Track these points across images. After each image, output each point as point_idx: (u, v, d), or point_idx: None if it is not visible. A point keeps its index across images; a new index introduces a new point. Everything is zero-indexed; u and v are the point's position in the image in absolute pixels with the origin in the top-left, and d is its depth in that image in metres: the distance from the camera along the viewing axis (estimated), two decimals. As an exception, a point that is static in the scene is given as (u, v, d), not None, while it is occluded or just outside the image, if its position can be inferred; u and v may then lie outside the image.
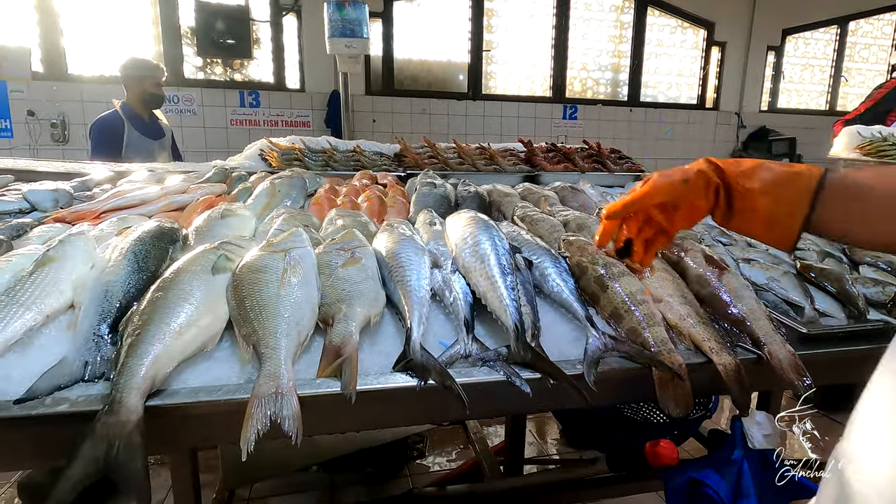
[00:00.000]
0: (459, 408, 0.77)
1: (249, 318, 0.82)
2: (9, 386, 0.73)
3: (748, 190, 0.71)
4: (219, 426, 0.76)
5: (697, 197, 0.75)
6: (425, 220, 1.36)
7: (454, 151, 2.35)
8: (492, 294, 0.94)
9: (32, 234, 1.19)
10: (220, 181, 1.79)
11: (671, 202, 0.78)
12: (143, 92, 3.07)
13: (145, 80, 3.06)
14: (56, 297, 0.87)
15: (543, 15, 5.83)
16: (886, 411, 0.40)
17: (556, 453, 2.64)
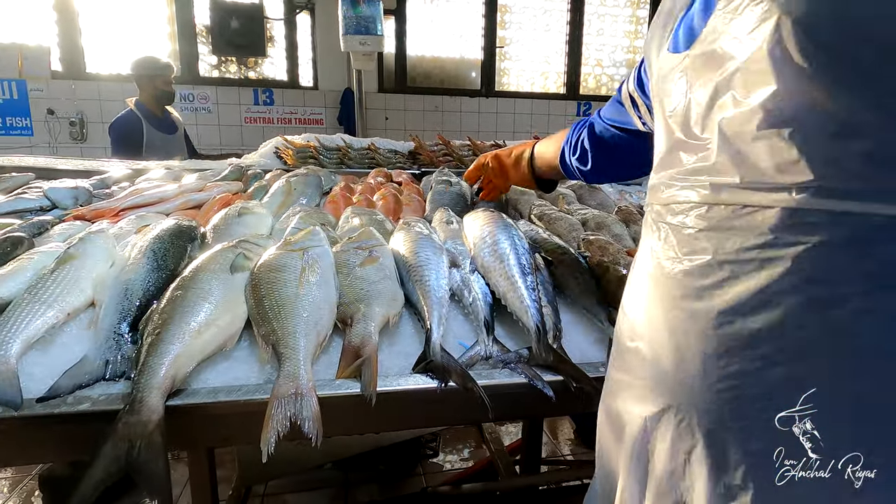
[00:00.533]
0: (481, 410, 0.75)
1: (268, 318, 0.82)
2: (31, 383, 0.73)
3: (509, 157, 1.28)
4: (238, 426, 0.76)
5: (492, 173, 1.36)
6: (442, 219, 1.34)
7: (469, 149, 2.34)
8: (512, 294, 0.92)
9: (53, 231, 1.20)
10: (237, 179, 1.79)
11: (482, 174, 1.40)
12: (156, 90, 3.15)
13: (156, 79, 3.14)
14: (77, 296, 0.87)
15: (557, 11, 5.77)
16: (636, 278, 0.60)
17: (569, 454, 2.62)
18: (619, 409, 0.60)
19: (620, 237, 1.32)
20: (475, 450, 2.55)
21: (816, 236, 0.42)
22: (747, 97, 0.45)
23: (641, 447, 0.55)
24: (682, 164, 0.52)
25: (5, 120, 4.39)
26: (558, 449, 2.64)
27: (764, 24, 0.42)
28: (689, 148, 0.52)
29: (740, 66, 0.45)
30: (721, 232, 0.48)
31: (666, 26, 0.59)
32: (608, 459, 0.63)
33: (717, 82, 0.48)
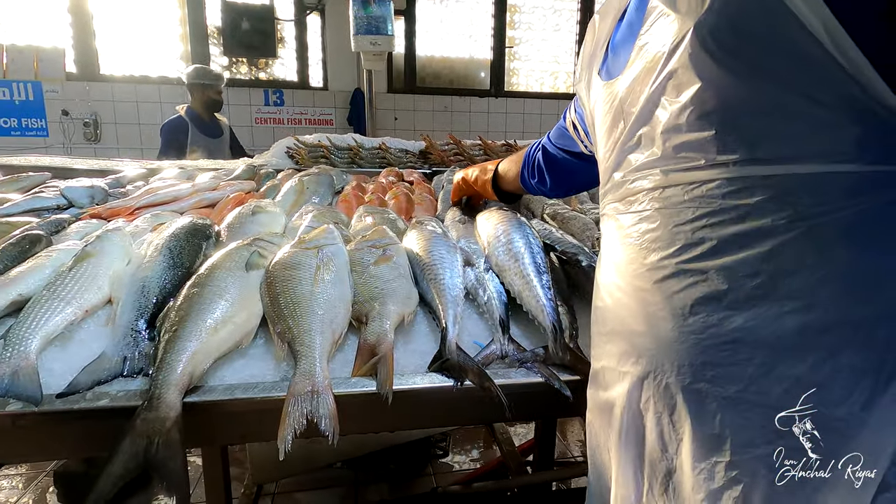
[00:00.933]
0: (497, 410, 0.75)
1: (283, 316, 0.82)
2: (51, 379, 0.73)
3: (476, 182, 1.34)
4: (254, 424, 0.76)
5: (470, 190, 1.38)
6: (454, 218, 1.34)
7: (480, 148, 2.33)
8: (527, 293, 0.91)
9: (70, 229, 1.21)
10: (249, 178, 1.80)
11: (466, 193, 1.42)
12: (207, 98, 3.41)
13: (209, 88, 3.40)
14: (95, 293, 0.87)
15: (567, 10, 5.75)
16: (604, 271, 0.66)
17: (580, 455, 2.60)
18: (605, 396, 0.64)
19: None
20: (485, 450, 2.54)
21: (754, 198, 0.49)
22: (678, 97, 0.53)
23: (630, 422, 0.59)
24: (631, 164, 0.61)
25: (21, 121, 4.46)
26: (569, 450, 2.62)
27: (679, 35, 0.52)
28: (636, 149, 0.60)
29: (669, 73, 0.54)
30: (674, 207, 0.55)
31: (592, 65, 0.70)
32: (599, 455, 0.66)
33: (651, 90, 0.56)
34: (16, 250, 0.98)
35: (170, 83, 4.76)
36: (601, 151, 0.69)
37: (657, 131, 0.56)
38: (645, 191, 0.59)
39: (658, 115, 0.56)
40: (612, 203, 0.65)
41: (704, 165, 0.52)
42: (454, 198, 1.46)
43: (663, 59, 0.54)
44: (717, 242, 0.51)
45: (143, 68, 4.75)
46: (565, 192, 1.14)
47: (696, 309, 0.52)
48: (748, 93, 0.49)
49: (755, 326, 0.49)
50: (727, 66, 0.49)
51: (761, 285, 0.49)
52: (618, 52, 0.65)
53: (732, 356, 0.50)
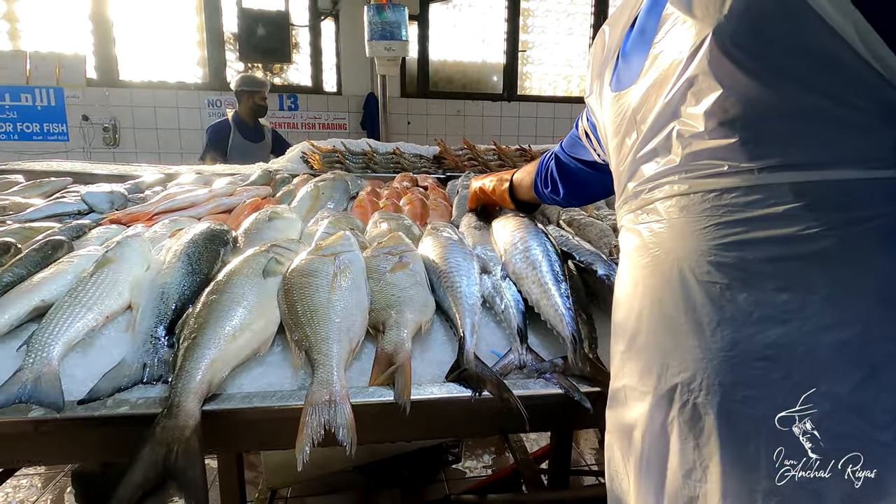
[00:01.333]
0: (516, 421, 0.74)
1: (301, 323, 0.82)
2: (72, 385, 0.74)
3: (494, 192, 1.32)
4: (271, 432, 0.76)
5: (487, 199, 1.36)
6: (470, 224, 1.33)
7: (494, 153, 2.32)
8: (545, 302, 0.90)
9: (91, 234, 1.22)
10: (265, 183, 1.82)
11: (483, 202, 1.41)
12: (253, 104, 3.60)
13: (255, 95, 3.57)
14: (115, 299, 0.88)
15: (581, 14, 5.73)
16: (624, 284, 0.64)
17: (594, 463, 2.57)
18: (626, 417, 0.60)
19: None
20: (497, 456, 2.52)
21: (783, 206, 0.48)
22: (698, 104, 0.52)
23: (651, 445, 0.55)
24: (645, 175, 0.59)
25: (43, 126, 4.56)
26: (582, 458, 2.59)
27: (697, 41, 0.50)
28: (651, 159, 0.58)
29: (687, 80, 0.53)
30: (695, 216, 0.53)
31: (602, 76, 0.69)
32: (619, 482, 0.62)
33: (668, 98, 0.55)
34: (39, 256, 0.99)
35: (187, 88, 4.83)
36: (614, 162, 0.68)
37: (674, 139, 0.55)
38: (661, 200, 0.56)
39: (676, 124, 0.54)
40: (627, 214, 0.63)
41: (728, 172, 0.50)
42: (471, 206, 1.45)
43: (681, 66, 0.53)
44: (743, 253, 0.49)
45: (161, 74, 4.83)
46: (579, 202, 1.12)
47: (723, 324, 0.50)
48: (774, 98, 0.48)
49: (789, 343, 0.46)
50: (750, 71, 0.48)
51: (794, 299, 0.46)
52: (629, 61, 0.64)
53: (765, 375, 0.47)
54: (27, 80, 4.45)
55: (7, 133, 4.49)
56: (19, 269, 0.94)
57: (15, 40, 4.51)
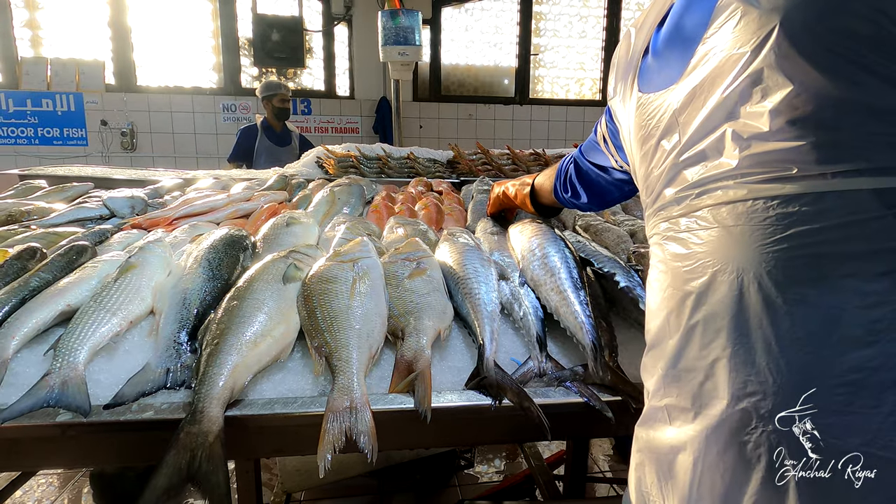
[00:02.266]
0: (535, 430, 0.73)
1: (321, 330, 0.82)
2: (98, 389, 0.75)
3: (516, 197, 1.31)
4: (292, 438, 0.76)
5: (509, 203, 1.35)
6: (486, 229, 1.33)
7: (508, 158, 2.32)
8: (565, 310, 0.90)
9: (113, 239, 1.24)
10: (281, 188, 1.83)
11: (505, 206, 1.39)
12: (273, 107, 3.76)
13: (273, 98, 3.73)
14: (138, 304, 0.89)
15: (594, 17, 5.71)
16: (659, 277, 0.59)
17: (608, 470, 2.54)
18: (668, 439, 0.55)
19: (672, 250, 1.27)
20: (510, 462, 2.51)
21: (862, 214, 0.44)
22: (763, 101, 0.47)
23: (705, 472, 0.50)
24: (688, 180, 0.55)
25: (63, 130, 4.65)
26: (596, 464, 2.57)
27: (763, 34, 0.47)
28: (696, 163, 0.54)
29: (750, 76, 0.48)
30: (755, 225, 0.48)
31: (627, 79, 0.66)
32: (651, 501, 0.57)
33: (723, 97, 0.51)
34: (64, 260, 1.01)
35: (202, 93, 4.90)
36: (642, 167, 0.64)
37: (729, 141, 0.50)
38: (712, 206, 0.51)
39: (730, 125, 0.50)
40: (663, 223, 0.58)
41: (797, 176, 0.46)
42: (491, 210, 1.45)
43: (742, 61, 0.48)
44: (819, 265, 0.45)
45: (178, 79, 4.91)
46: (599, 207, 1.11)
47: (797, 344, 0.45)
48: (854, 96, 0.44)
49: (879, 366, 0.42)
50: (827, 66, 0.44)
51: (883, 318, 0.42)
52: (665, 61, 0.60)
53: (850, 402, 0.43)
54: (48, 85, 4.55)
55: (28, 138, 4.59)
56: (45, 274, 0.96)
57: (36, 47, 4.61)
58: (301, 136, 4.03)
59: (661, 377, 0.57)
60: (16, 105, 4.52)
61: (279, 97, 3.73)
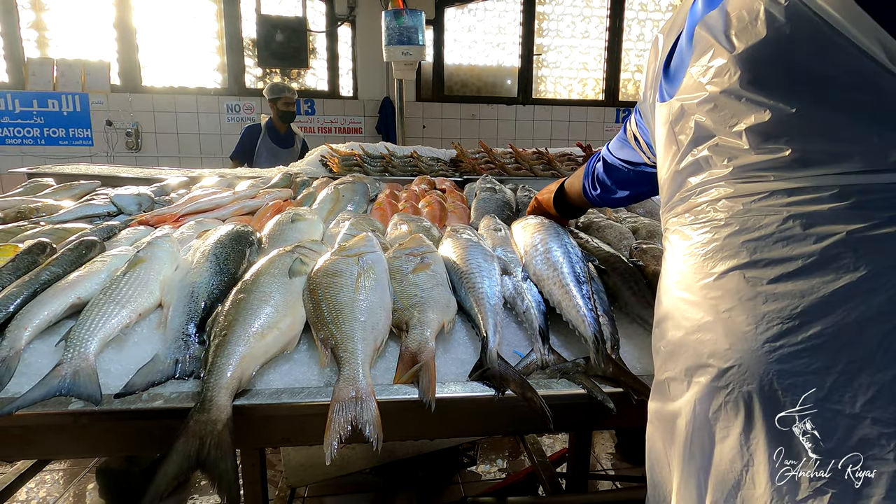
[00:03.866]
0: (539, 421, 0.74)
1: (326, 322, 0.83)
2: (108, 379, 0.77)
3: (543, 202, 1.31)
4: (298, 427, 0.77)
5: (538, 211, 1.33)
6: (489, 226, 1.34)
7: (511, 156, 2.33)
8: (567, 303, 0.91)
9: (121, 235, 1.26)
10: (286, 186, 1.85)
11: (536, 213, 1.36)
12: (278, 110, 3.80)
13: (278, 101, 3.77)
14: (147, 297, 0.91)
15: (596, 17, 5.72)
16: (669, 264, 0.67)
17: (610, 468, 2.55)
18: (670, 407, 0.62)
19: (674, 246, 1.28)
20: (513, 459, 2.51)
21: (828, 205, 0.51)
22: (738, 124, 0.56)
23: (695, 432, 0.57)
24: (690, 184, 0.62)
25: (69, 131, 4.68)
26: (599, 462, 2.57)
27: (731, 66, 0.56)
28: (694, 171, 0.62)
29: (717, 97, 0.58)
30: (743, 214, 0.56)
31: (656, 85, 0.72)
32: (659, 470, 0.64)
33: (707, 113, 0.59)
34: (73, 255, 1.03)
35: (207, 94, 4.93)
36: (661, 170, 0.70)
37: (716, 154, 0.58)
38: (708, 202, 0.59)
39: (718, 140, 0.58)
40: (673, 217, 0.66)
41: (772, 180, 0.54)
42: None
43: (714, 87, 0.57)
44: (789, 247, 0.52)
45: (182, 80, 4.94)
46: (630, 201, 1.12)
47: (769, 316, 0.51)
48: (808, 117, 0.51)
49: (835, 333, 0.48)
50: (785, 94, 0.51)
51: (840, 291, 0.48)
52: (672, 74, 0.67)
53: (809, 364, 0.48)
54: (54, 86, 4.59)
55: (34, 138, 4.63)
56: (55, 268, 0.97)
57: (43, 48, 4.65)
58: (304, 140, 4.07)
59: (663, 354, 0.65)
60: (22, 105, 4.55)
61: (284, 100, 3.78)
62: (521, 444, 2.33)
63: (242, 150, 3.82)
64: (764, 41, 0.52)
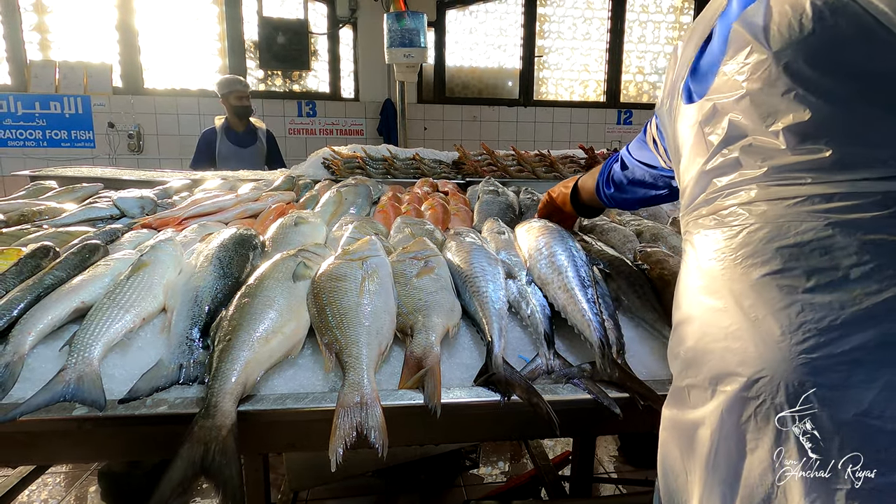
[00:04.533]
0: (544, 426, 0.74)
1: (331, 327, 0.83)
2: (112, 384, 0.77)
3: (558, 197, 1.31)
4: (304, 433, 0.77)
5: (551, 206, 1.34)
6: (492, 229, 1.34)
7: (513, 159, 2.33)
8: (572, 307, 0.90)
9: (124, 238, 1.26)
10: (289, 189, 1.85)
11: (551, 213, 1.35)
12: (230, 106, 3.47)
13: (230, 96, 3.45)
14: (151, 301, 0.91)
15: (598, 19, 5.72)
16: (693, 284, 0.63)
17: (613, 471, 2.54)
18: (690, 415, 0.59)
19: (678, 249, 1.28)
20: (516, 462, 2.51)
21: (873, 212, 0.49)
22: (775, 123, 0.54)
23: (721, 442, 0.54)
24: (717, 186, 0.60)
25: (71, 133, 4.69)
26: (602, 465, 2.56)
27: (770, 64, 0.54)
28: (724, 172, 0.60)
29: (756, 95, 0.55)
30: (775, 219, 0.54)
31: (675, 91, 0.70)
32: (674, 477, 0.62)
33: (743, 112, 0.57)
34: (77, 259, 1.02)
35: (209, 95, 4.93)
36: (685, 173, 0.68)
37: (750, 154, 0.56)
38: (738, 205, 0.57)
39: (752, 140, 0.56)
40: (697, 219, 0.63)
41: (809, 183, 0.52)
42: (539, 215, 1.44)
43: (752, 86, 0.55)
44: (829, 255, 0.49)
45: (184, 82, 4.94)
46: (638, 204, 1.11)
47: (805, 326, 0.49)
48: (850, 118, 0.49)
49: (878, 346, 0.46)
50: (828, 93, 0.50)
51: (885, 303, 0.46)
52: (702, 75, 0.65)
53: (849, 377, 0.46)
54: (56, 88, 4.59)
55: (36, 140, 4.63)
56: (59, 272, 0.97)
57: (45, 51, 4.66)
58: (269, 134, 3.70)
59: (682, 359, 0.62)
60: (24, 108, 4.56)
61: (236, 94, 3.42)
62: (523, 447, 2.33)
63: (200, 159, 3.46)
64: (808, 37, 0.50)
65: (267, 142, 3.65)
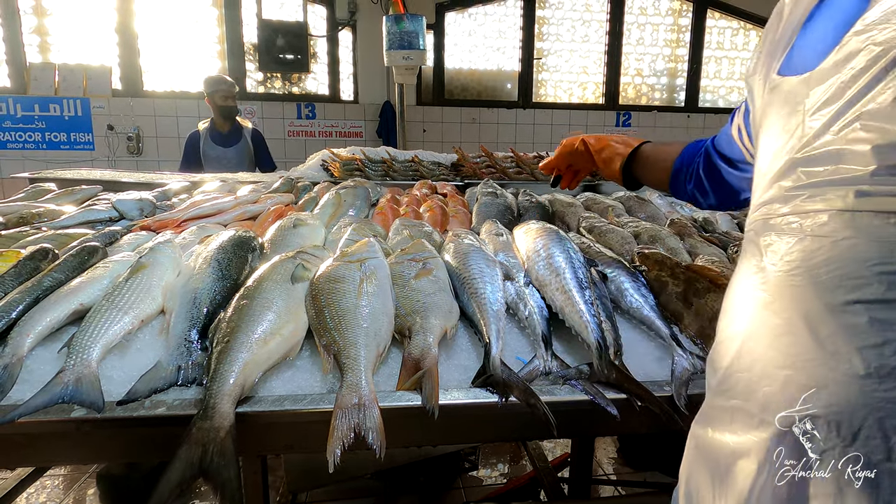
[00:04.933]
0: (542, 427, 0.74)
1: (329, 328, 0.83)
2: (111, 386, 0.77)
3: (599, 157, 1.22)
4: (302, 434, 0.77)
5: (581, 158, 1.28)
6: (491, 231, 1.34)
7: (512, 161, 2.33)
8: (570, 309, 0.91)
9: (123, 241, 1.26)
10: (288, 191, 1.85)
11: (571, 161, 1.31)
12: (216, 106, 3.44)
13: (215, 95, 3.42)
14: (149, 303, 0.91)
15: (596, 21, 5.73)
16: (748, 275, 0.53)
17: (612, 473, 2.54)
18: (729, 440, 0.51)
19: (676, 251, 1.28)
20: (515, 464, 2.51)
21: None
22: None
23: (768, 480, 0.46)
24: (803, 179, 0.49)
25: (70, 135, 4.69)
26: (601, 466, 2.56)
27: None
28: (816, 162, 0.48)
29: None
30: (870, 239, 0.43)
31: (773, 56, 0.59)
32: (699, 502, 0.54)
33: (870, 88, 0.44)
34: (76, 261, 1.03)
35: (208, 98, 4.94)
36: (763, 157, 0.57)
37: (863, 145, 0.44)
38: (821, 211, 0.46)
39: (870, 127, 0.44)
40: (769, 219, 0.52)
41: None
42: (552, 165, 1.34)
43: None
44: None
45: (183, 84, 4.95)
46: (722, 206, 1.00)
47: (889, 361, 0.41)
48: None
49: None
50: None
51: None
52: (810, 41, 0.53)
53: None
54: (55, 90, 4.60)
55: (36, 142, 4.64)
56: (58, 274, 0.97)
57: (44, 53, 4.67)
58: (256, 133, 3.64)
59: (730, 378, 0.52)
60: (24, 110, 4.56)
61: (221, 93, 3.38)
62: (522, 449, 2.33)
63: (187, 163, 3.42)
64: None
65: (253, 141, 3.60)
